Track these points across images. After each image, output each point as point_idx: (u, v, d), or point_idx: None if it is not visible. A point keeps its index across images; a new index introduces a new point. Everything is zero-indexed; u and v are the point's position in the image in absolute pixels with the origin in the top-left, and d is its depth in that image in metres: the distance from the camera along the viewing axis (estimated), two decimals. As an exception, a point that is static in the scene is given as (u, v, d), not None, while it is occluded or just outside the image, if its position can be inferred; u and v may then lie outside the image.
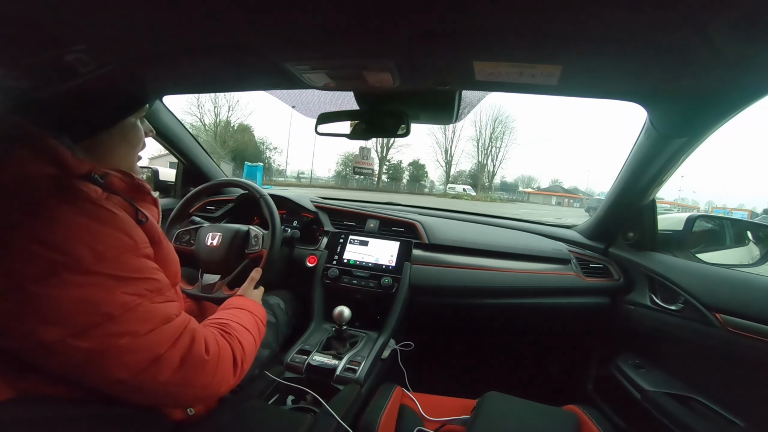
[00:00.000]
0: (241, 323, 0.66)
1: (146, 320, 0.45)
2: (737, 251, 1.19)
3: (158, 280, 0.49)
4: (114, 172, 0.54)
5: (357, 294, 1.13)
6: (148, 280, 0.47)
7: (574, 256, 1.20)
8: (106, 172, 0.52)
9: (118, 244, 0.45)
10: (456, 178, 31.19)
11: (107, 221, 0.46)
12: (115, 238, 0.45)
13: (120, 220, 0.47)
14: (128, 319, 0.44)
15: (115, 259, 0.44)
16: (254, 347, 0.65)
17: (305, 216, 1.33)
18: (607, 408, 1.05)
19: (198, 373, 0.50)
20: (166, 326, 0.47)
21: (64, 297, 0.40)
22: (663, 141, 0.86)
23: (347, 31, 0.54)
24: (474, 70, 0.63)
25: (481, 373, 1.42)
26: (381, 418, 0.75)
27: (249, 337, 0.64)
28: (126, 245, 0.46)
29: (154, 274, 0.49)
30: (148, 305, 0.46)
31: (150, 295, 0.47)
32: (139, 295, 0.45)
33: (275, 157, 27.47)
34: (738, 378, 0.83)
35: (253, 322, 0.70)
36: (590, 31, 0.48)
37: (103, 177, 0.51)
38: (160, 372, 0.46)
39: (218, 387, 0.53)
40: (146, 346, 0.45)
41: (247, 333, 0.64)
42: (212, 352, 0.52)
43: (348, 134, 0.97)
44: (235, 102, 23.61)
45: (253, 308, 0.75)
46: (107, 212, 0.46)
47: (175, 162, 1.47)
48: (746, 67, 0.53)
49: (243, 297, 0.80)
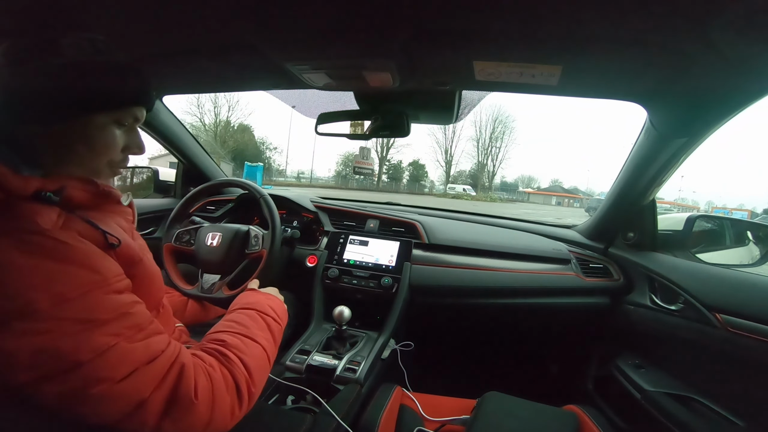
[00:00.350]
0: (246, 333, 0.57)
1: (124, 363, 0.39)
2: (737, 251, 1.19)
3: (136, 314, 0.43)
4: (72, 182, 0.45)
5: (357, 294, 1.13)
6: (123, 317, 0.41)
7: (574, 256, 1.20)
8: (61, 185, 0.43)
9: (82, 283, 0.39)
10: (456, 178, 31.20)
11: (65, 257, 0.39)
12: (76, 276, 0.39)
13: (81, 253, 0.40)
14: (101, 365, 0.37)
15: (78, 300, 0.38)
16: (265, 360, 0.56)
17: (305, 216, 1.33)
18: (607, 408, 1.05)
19: (190, 416, 0.43)
20: (150, 366, 0.41)
21: (21, 348, 0.35)
22: (663, 141, 0.86)
23: (347, 31, 0.54)
24: (474, 70, 0.63)
25: (481, 373, 1.42)
26: (381, 418, 0.75)
27: (256, 349, 0.55)
28: (91, 283, 0.40)
29: (131, 309, 0.43)
30: (125, 346, 0.40)
31: (127, 333, 0.41)
32: (114, 335, 0.39)
33: (275, 157, 27.50)
34: (738, 378, 0.83)
35: (262, 324, 0.61)
36: (590, 31, 0.48)
37: (58, 192, 0.42)
38: (146, 418, 0.40)
39: (222, 424, 0.46)
40: (126, 392, 0.39)
41: (254, 345, 0.56)
42: (202, 394, 0.44)
43: (348, 134, 0.97)
44: (235, 102, 23.63)
45: (262, 305, 0.65)
46: (64, 246, 0.39)
47: (175, 162, 1.47)
48: (746, 67, 0.53)
49: (253, 292, 0.71)
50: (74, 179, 0.46)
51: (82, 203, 0.46)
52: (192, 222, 1.15)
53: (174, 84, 0.96)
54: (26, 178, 0.41)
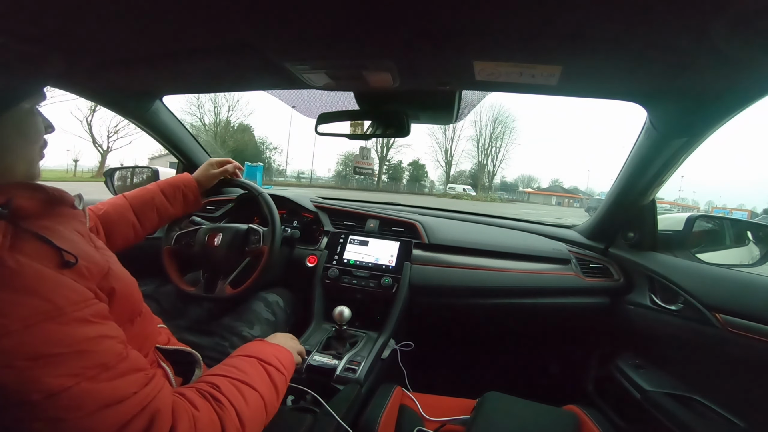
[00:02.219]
0: (244, 380, 0.52)
1: (80, 406, 0.34)
2: (737, 251, 1.19)
3: (101, 351, 0.38)
4: (19, 191, 0.42)
5: (357, 294, 1.13)
6: (85, 354, 0.36)
7: (574, 256, 1.20)
8: (8, 197, 0.40)
9: (27, 314, 0.34)
10: (456, 178, 31.21)
11: (7, 284, 0.34)
12: (22, 305, 0.34)
13: (28, 278, 0.35)
14: (54, 406, 0.33)
15: (25, 333, 0.33)
16: (262, 410, 0.52)
17: (305, 216, 1.33)
18: (607, 408, 1.05)
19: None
20: (111, 408, 0.36)
21: None
22: (663, 141, 0.86)
23: (347, 31, 0.54)
24: (474, 70, 0.63)
25: (481, 373, 1.42)
26: (381, 418, 0.75)
27: (253, 397, 0.51)
28: (41, 313, 0.35)
29: (94, 346, 0.37)
30: (86, 386, 0.35)
31: (89, 373, 0.36)
32: (72, 375, 0.34)
33: (275, 157, 27.54)
34: (738, 378, 0.83)
35: (262, 373, 0.56)
36: (590, 32, 0.48)
37: (6, 204, 0.39)
38: None
39: None
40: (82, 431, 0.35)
41: (251, 392, 0.51)
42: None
43: (348, 134, 0.97)
44: (235, 102, 23.66)
45: (266, 354, 0.61)
46: (9, 271, 0.35)
47: (175, 162, 1.47)
48: (746, 67, 0.53)
49: (260, 342, 0.66)
50: (20, 187, 0.43)
51: (31, 212, 0.42)
52: (192, 222, 1.15)
53: (174, 84, 0.96)
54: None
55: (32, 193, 0.44)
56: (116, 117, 11.35)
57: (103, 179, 1.33)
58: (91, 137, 18.01)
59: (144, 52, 0.65)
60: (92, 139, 18.12)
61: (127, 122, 1.27)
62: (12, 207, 0.40)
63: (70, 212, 0.50)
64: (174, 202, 0.93)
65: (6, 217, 0.39)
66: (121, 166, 1.43)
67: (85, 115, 17.35)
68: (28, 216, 0.42)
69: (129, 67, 0.74)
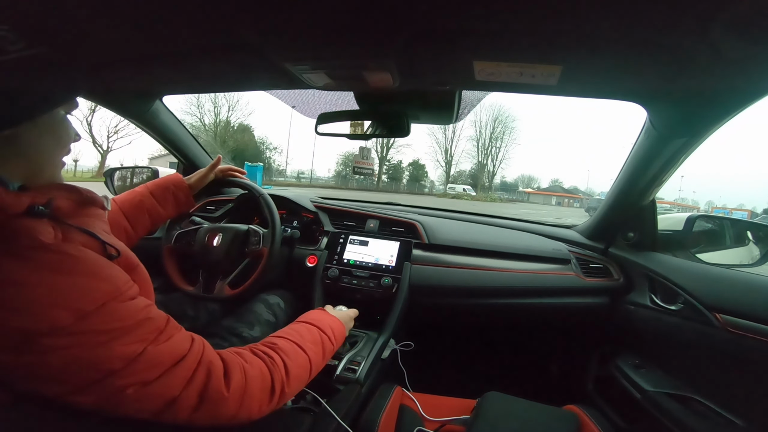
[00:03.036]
0: (298, 342, 0.61)
1: (154, 366, 0.41)
2: (737, 251, 1.19)
3: (155, 318, 0.44)
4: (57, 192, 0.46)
5: (357, 294, 1.13)
6: (144, 323, 0.42)
7: (574, 256, 1.20)
8: (48, 197, 0.43)
9: (97, 296, 0.39)
10: (456, 178, 31.23)
11: (75, 270, 0.39)
12: (90, 288, 0.39)
13: (90, 264, 0.40)
14: (133, 371, 0.39)
15: (98, 313, 0.38)
16: (307, 370, 0.60)
17: (305, 216, 1.33)
18: (607, 408, 1.05)
19: (220, 408, 0.45)
20: (178, 366, 0.43)
21: (52, 362, 0.36)
22: (663, 141, 0.86)
23: (347, 31, 0.54)
24: (474, 70, 0.63)
25: (481, 373, 1.42)
26: (381, 418, 0.75)
27: (302, 358, 0.59)
28: (107, 294, 0.39)
29: (149, 314, 0.43)
30: (152, 350, 0.41)
31: (151, 337, 0.42)
32: (140, 341, 0.40)
33: (275, 157, 27.58)
34: (738, 378, 0.83)
35: (317, 339, 0.66)
36: (590, 31, 0.48)
37: (47, 205, 0.42)
38: (177, 413, 0.42)
39: (248, 415, 0.49)
40: (158, 392, 0.41)
41: (301, 354, 0.60)
42: (234, 386, 0.47)
43: (348, 134, 0.97)
44: (235, 102, 23.70)
45: (324, 323, 0.71)
46: (71, 258, 0.39)
47: (175, 162, 1.47)
48: (746, 67, 0.53)
49: (322, 311, 0.78)
50: (58, 188, 0.46)
51: (68, 212, 0.46)
52: (192, 222, 1.15)
53: (174, 84, 0.96)
54: (18, 194, 0.40)
55: (68, 194, 0.47)
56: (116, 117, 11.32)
57: (103, 179, 1.33)
58: (91, 137, 18.04)
59: (144, 52, 0.64)
60: (92, 139, 18.15)
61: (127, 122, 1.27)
62: (53, 207, 0.43)
63: (99, 213, 0.53)
64: (164, 203, 0.92)
65: (49, 216, 0.42)
66: (121, 166, 1.43)
67: (85, 115, 17.38)
68: (65, 216, 0.45)
69: (129, 67, 0.74)
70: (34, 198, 0.41)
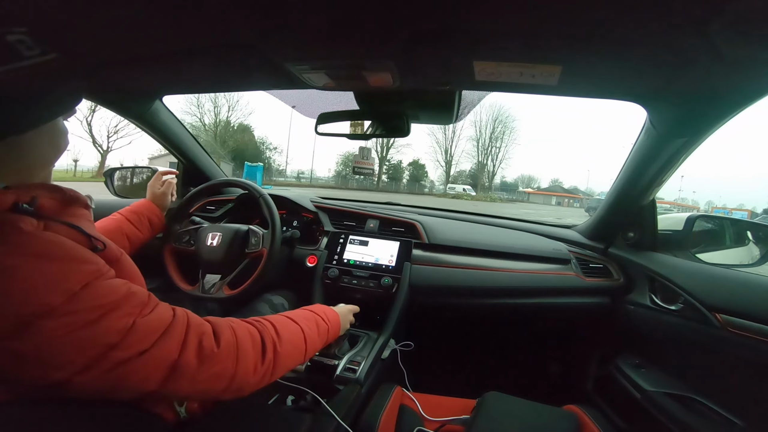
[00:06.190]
0: (291, 317, 0.65)
1: (147, 334, 0.42)
2: (737, 251, 1.19)
3: (136, 292, 0.45)
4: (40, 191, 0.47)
5: (357, 294, 1.13)
6: (129, 297, 0.43)
7: (574, 256, 1.20)
8: (32, 195, 0.45)
9: (82, 277, 0.40)
10: (456, 178, 31.23)
11: (58, 254, 0.40)
12: (76, 270, 0.40)
13: (70, 247, 0.42)
14: (130, 342, 0.41)
15: (85, 291, 0.39)
16: (300, 337, 0.63)
17: (305, 216, 1.33)
18: (607, 408, 1.05)
19: (217, 365, 0.47)
20: (169, 331, 0.45)
21: (52, 344, 0.37)
22: (663, 141, 0.86)
23: (347, 31, 0.54)
24: (474, 70, 0.63)
25: (481, 373, 1.42)
26: (381, 418, 0.75)
27: (293, 327, 0.62)
28: (90, 273, 0.41)
29: (131, 289, 0.45)
30: (141, 321, 0.43)
31: (137, 310, 0.43)
32: (129, 315, 0.42)
33: (275, 157, 27.60)
34: (738, 378, 0.83)
35: (310, 317, 0.69)
36: (590, 31, 0.48)
37: (32, 203, 0.44)
38: (183, 376, 0.44)
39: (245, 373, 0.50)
40: (158, 358, 0.43)
41: (292, 324, 0.62)
42: (225, 343, 0.49)
43: (348, 134, 0.97)
44: (235, 102, 23.71)
45: (315, 308, 0.75)
46: (52, 244, 0.41)
47: (175, 162, 1.47)
48: (746, 67, 0.53)
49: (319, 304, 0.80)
50: (42, 187, 0.47)
51: (52, 211, 0.47)
52: (192, 222, 1.15)
53: (174, 84, 0.96)
54: (3, 192, 0.42)
55: (52, 193, 0.48)
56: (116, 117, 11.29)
57: (103, 179, 1.33)
58: (90, 137, 18.04)
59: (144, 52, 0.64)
60: (92, 139, 18.15)
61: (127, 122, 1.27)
62: (36, 205, 0.44)
63: (83, 212, 0.54)
64: (141, 227, 0.97)
65: (33, 214, 0.43)
66: (121, 166, 1.43)
67: (85, 115, 17.38)
68: (49, 213, 0.46)
69: (129, 67, 0.74)
70: (18, 196, 0.43)
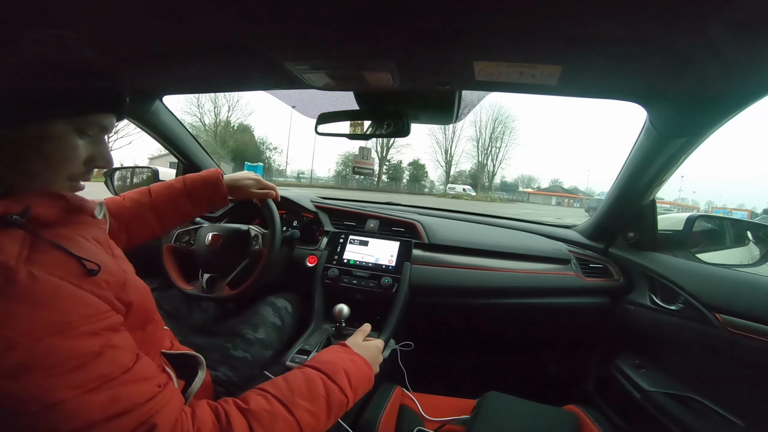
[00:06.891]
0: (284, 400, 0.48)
1: (76, 418, 0.34)
2: (737, 251, 1.19)
3: (107, 362, 0.37)
4: (37, 199, 0.40)
5: (357, 294, 1.13)
6: (86, 367, 0.36)
7: (573, 256, 1.20)
8: (25, 205, 0.38)
9: (36, 327, 0.34)
10: (456, 178, 31.23)
11: (22, 296, 0.34)
12: (31, 318, 0.34)
13: (40, 292, 0.35)
14: (50, 418, 0.33)
15: (30, 346, 0.33)
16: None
17: (305, 216, 1.33)
18: (607, 408, 1.05)
19: None
20: (112, 422, 0.36)
21: None
22: (663, 141, 0.86)
23: (347, 31, 0.54)
24: (474, 70, 0.63)
25: (481, 373, 1.42)
26: (381, 418, 0.75)
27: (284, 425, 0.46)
28: (49, 326, 0.34)
29: (100, 357, 0.37)
30: (86, 399, 0.35)
31: (92, 384, 0.36)
32: (73, 387, 0.34)
33: (275, 157, 27.58)
34: (738, 378, 0.83)
35: (317, 393, 0.52)
36: (590, 31, 0.48)
37: (24, 213, 0.38)
38: None
39: None
40: None
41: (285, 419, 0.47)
42: None
43: (348, 134, 0.97)
44: (235, 102, 23.66)
45: (336, 369, 0.56)
46: (22, 286, 0.34)
47: (175, 162, 1.46)
48: (746, 67, 0.53)
49: (342, 348, 0.64)
50: (39, 195, 0.41)
51: (51, 220, 0.41)
52: (192, 222, 1.15)
53: (174, 84, 0.96)
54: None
55: (51, 201, 0.43)
56: (116, 117, 11.25)
57: (103, 179, 1.33)
58: (91, 137, 17.98)
59: (144, 52, 0.65)
60: (92, 139, 18.10)
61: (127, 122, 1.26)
62: (30, 215, 0.39)
63: (90, 220, 0.49)
64: (198, 203, 0.85)
65: (24, 227, 0.38)
66: (121, 166, 1.43)
67: (85, 115, 17.32)
68: (47, 224, 0.41)
69: (129, 67, 0.74)
70: (8, 206, 0.37)
